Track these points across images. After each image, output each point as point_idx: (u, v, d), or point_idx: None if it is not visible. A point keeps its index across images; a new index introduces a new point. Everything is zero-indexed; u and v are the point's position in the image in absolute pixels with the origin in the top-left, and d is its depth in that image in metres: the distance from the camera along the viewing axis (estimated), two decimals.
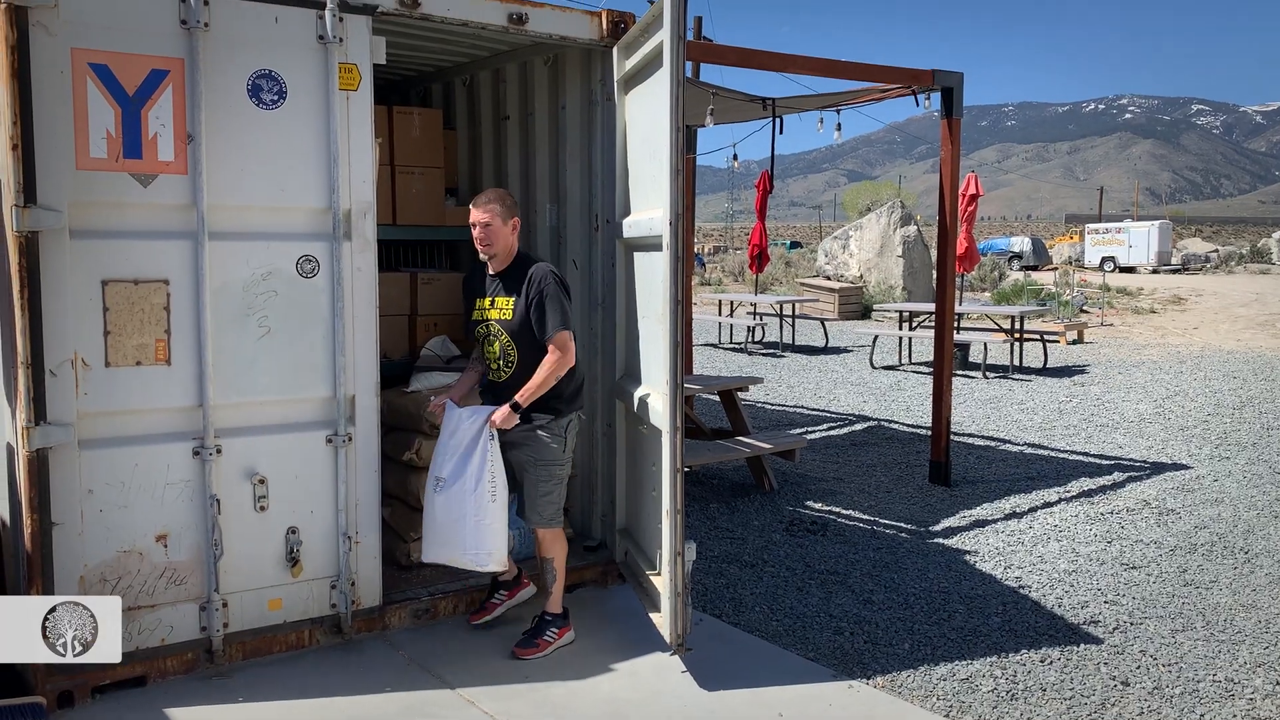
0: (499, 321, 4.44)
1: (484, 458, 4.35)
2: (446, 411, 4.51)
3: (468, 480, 4.34)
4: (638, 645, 4.56)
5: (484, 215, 4.37)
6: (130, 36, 3.84)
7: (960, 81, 7.59)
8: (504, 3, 4.73)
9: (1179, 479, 8.11)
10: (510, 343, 4.42)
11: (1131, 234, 45.13)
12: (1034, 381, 13.44)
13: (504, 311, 4.43)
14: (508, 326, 4.41)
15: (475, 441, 4.36)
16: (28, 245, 3.66)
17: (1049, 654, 4.70)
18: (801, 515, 7.00)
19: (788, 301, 18.17)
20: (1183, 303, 25.45)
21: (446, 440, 4.44)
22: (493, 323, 4.46)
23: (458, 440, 4.40)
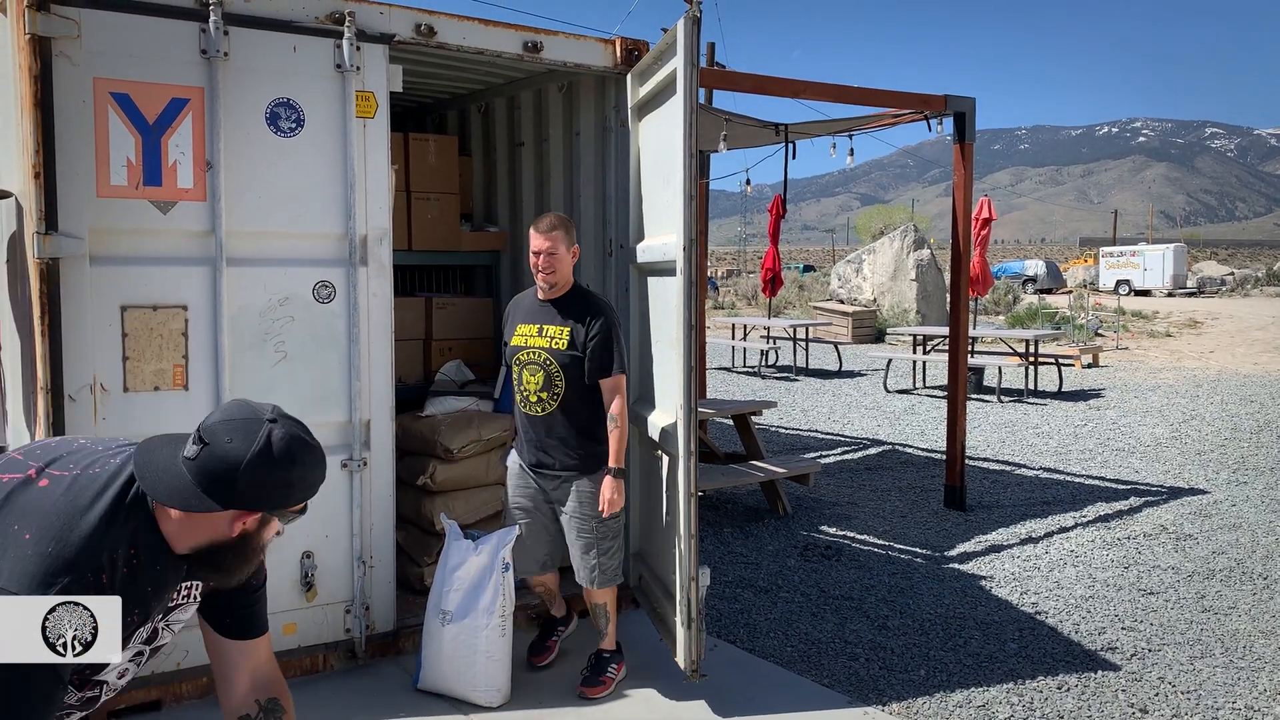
0: (549, 350, 4.22)
1: (496, 592, 4.21)
2: (448, 540, 4.36)
3: (479, 616, 4.19)
4: (652, 671, 4.54)
5: (547, 243, 4.18)
6: (151, 66, 3.90)
7: (973, 106, 7.62)
8: (519, 31, 4.78)
9: (1196, 504, 8.05)
10: (559, 374, 4.21)
11: (1146, 257, 45.00)
12: (1049, 405, 13.38)
13: (557, 340, 4.22)
14: (559, 357, 4.21)
15: (487, 574, 4.22)
16: (48, 271, 3.70)
17: (1066, 681, 4.67)
18: (816, 540, 6.97)
19: (801, 325, 18.17)
20: (1198, 326, 25.33)
21: (450, 572, 4.29)
22: (540, 350, 4.24)
23: (465, 572, 4.26)
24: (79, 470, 1.95)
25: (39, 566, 1.80)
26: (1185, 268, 46.51)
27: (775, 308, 24.17)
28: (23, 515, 1.86)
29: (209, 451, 1.88)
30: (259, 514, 1.97)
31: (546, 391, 4.22)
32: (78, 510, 1.88)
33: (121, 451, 2.03)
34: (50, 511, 1.87)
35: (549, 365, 4.22)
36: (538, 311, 4.31)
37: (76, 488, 1.92)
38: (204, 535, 1.97)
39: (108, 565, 1.87)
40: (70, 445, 2.06)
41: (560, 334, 4.22)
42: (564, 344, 4.19)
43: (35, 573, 1.80)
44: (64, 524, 1.86)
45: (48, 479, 1.92)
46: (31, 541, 1.82)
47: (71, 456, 2.00)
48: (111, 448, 2.05)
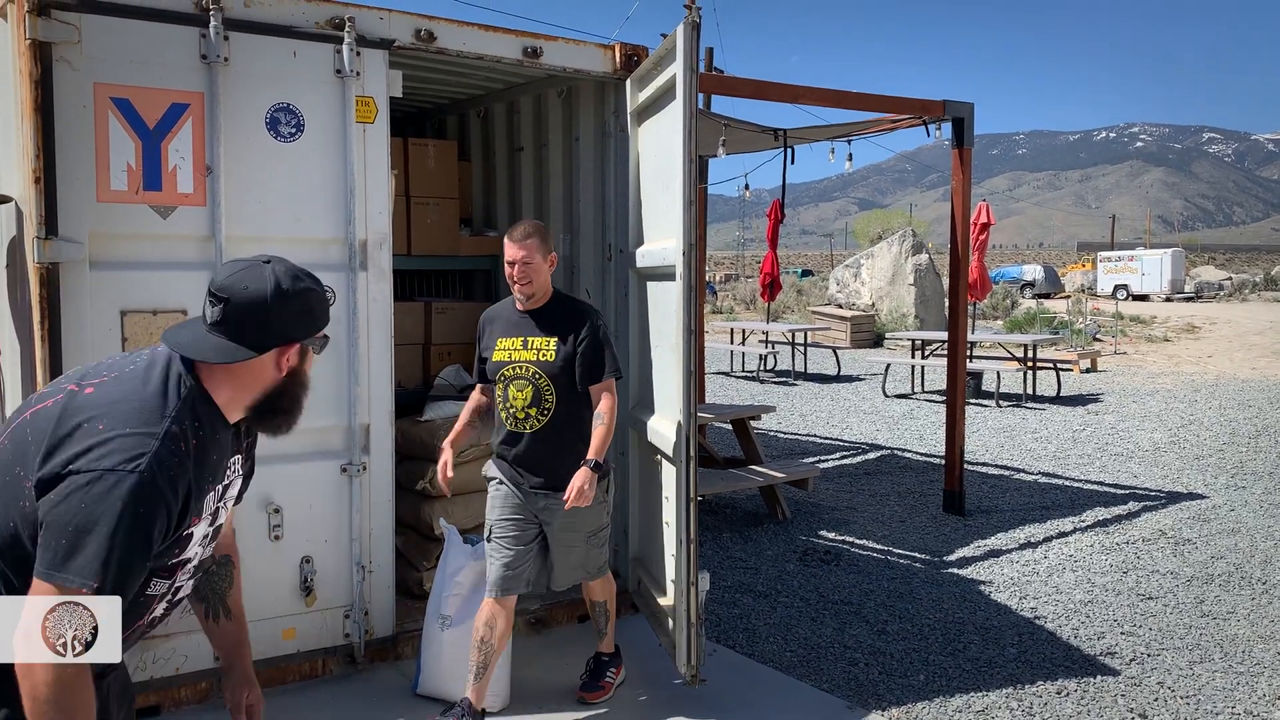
0: (537, 364, 3.99)
1: None
2: (448, 545, 4.36)
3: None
4: (651, 676, 4.54)
5: (522, 252, 3.94)
6: (152, 71, 3.90)
7: (971, 112, 7.63)
8: (518, 36, 4.79)
9: (1195, 508, 8.06)
10: (549, 387, 3.98)
11: (1144, 262, 45.04)
12: (1047, 410, 13.39)
13: (544, 353, 4.00)
14: (548, 369, 3.98)
15: (486, 578, 4.17)
16: (48, 276, 3.70)
17: (1065, 685, 4.67)
18: (815, 545, 6.97)
19: (800, 330, 18.19)
20: (1196, 331, 25.36)
21: (450, 577, 4.29)
22: (527, 364, 4.00)
23: (465, 577, 4.26)
24: (116, 373, 2.01)
25: (133, 444, 1.86)
26: (1183, 272, 46.56)
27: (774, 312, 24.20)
28: (87, 414, 1.90)
29: (233, 305, 1.99)
30: (296, 345, 2.08)
31: (535, 407, 3.99)
32: (136, 394, 1.95)
33: (141, 352, 2.09)
34: (114, 402, 1.92)
35: (538, 379, 3.99)
36: (519, 323, 4.08)
37: (124, 381, 1.98)
38: (258, 388, 2.07)
39: (182, 435, 1.94)
40: (93, 364, 2.11)
41: (547, 345, 4.01)
42: (551, 355, 3.99)
43: (131, 448, 1.86)
44: (132, 406, 1.92)
45: (91, 386, 1.97)
46: (110, 429, 1.87)
47: (100, 368, 2.05)
48: (131, 355, 2.11)
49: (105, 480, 1.81)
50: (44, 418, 1.92)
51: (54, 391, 1.99)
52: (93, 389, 1.96)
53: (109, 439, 1.85)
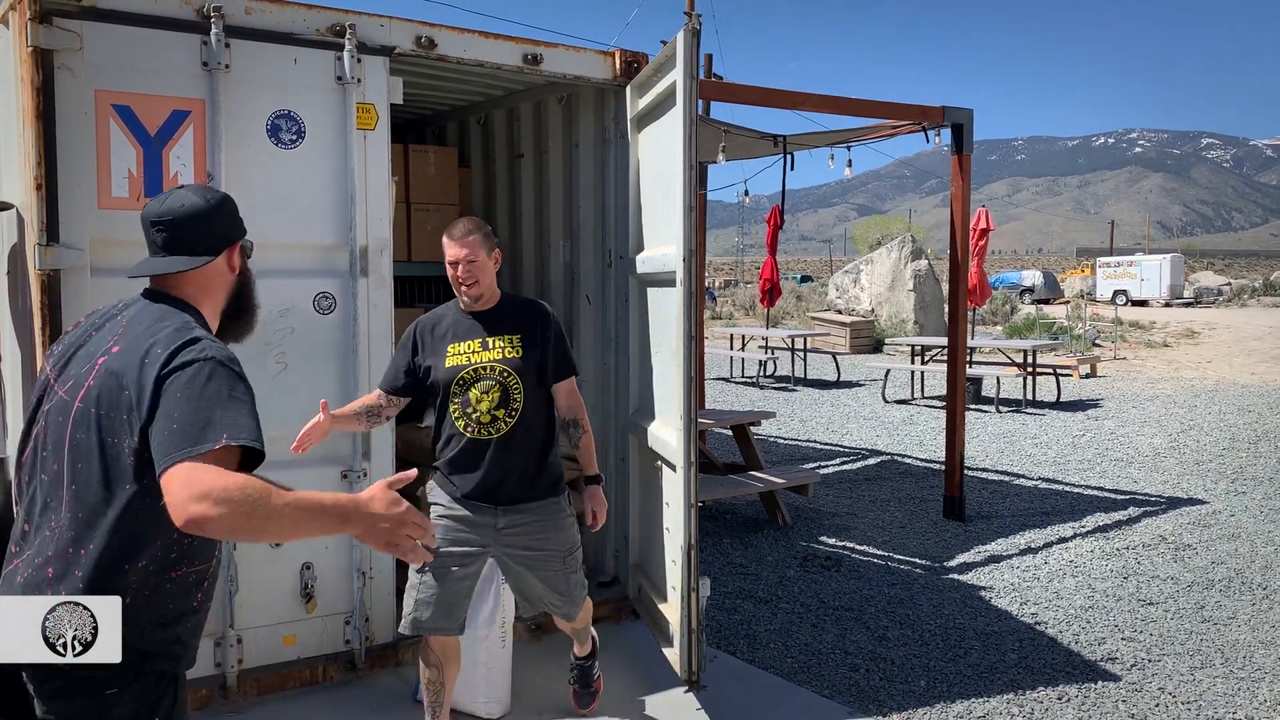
0: (504, 361, 3.69)
1: (495, 604, 4.22)
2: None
3: (479, 628, 4.16)
4: (652, 682, 4.53)
5: (464, 250, 3.61)
6: (153, 78, 3.91)
7: (970, 118, 7.65)
8: (519, 43, 4.80)
9: (1195, 514, 8.06)
10: (517, 385, 3.68)
11: (1143, 267, 45.07)
12: (1047, 416, 13.39)
13: (509, 350, 3.71)
14: (517, 366, 3.68)
15: (486, 586, 4.20)
16: (49, 283, 3.71)
17: (1066, 691, 4.66)
18: (815, 550, 6.97)
19: (799, 335, 18.18)
20: (1196, 336, 25.37)
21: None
22: (494, 363, 3.68)
23: None
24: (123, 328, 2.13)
25: (202, 340, 2.05)
26: (1182, 278, 46.59)
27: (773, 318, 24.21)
28: (142, 352, 2.02)
29: (177, 224, 2.19)
30: (238, 245, 2.32)
31: (503, 409, 3.66)
32: (164, 322, 2.10)
33: (111, 310, 2.24)
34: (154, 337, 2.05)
35: (506, 378, 3.68)
36: (470, 327, 3.75)
37: (142, 323, 2.11)
38: (223, 292, 2.30)
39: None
40: (73, 336, 2.23)
41: (511, 343, 3.72)
42: (519, 352, 3.70)
43: (205, 342, 2.05)
44: (172, 328, 2.07)
45: (118, 346, 2.07)
46: (173, 342, 2.03)
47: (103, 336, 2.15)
48: (105, 314, 2.25)
49: (203, 366, 1.98)
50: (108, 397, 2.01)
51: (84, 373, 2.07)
52: (120, 346, 2.06)
53: (179, 347, 2.00)
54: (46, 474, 2.06)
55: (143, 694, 2.04)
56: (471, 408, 3.68)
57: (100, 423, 2.00)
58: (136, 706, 2.03)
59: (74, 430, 2.03)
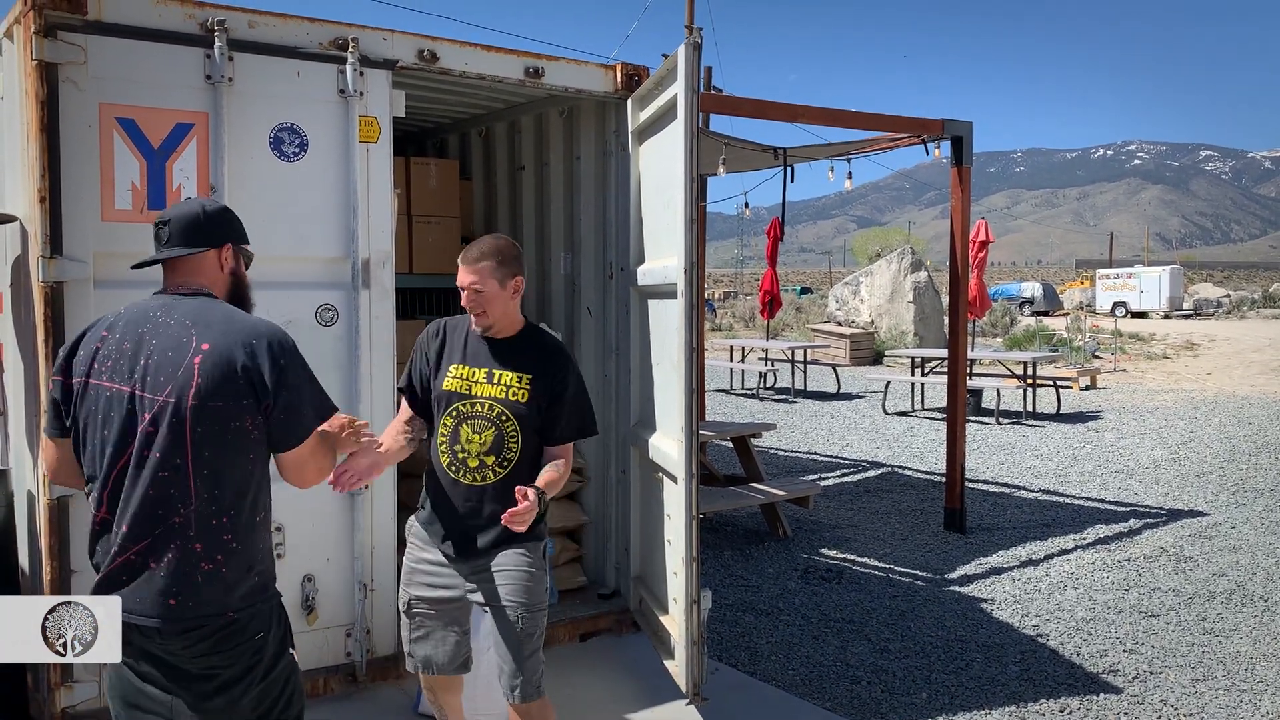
0: (505, 403, 3.27)
1: None
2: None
3: (480, 641, 3.98)
4: (653, 695, 4.53)
5: (472, 277, 3.26)
6: (157, 91, 3.93)
7: (970, 130, 7.67)
8: (521, 57, 4.83)
9: (1196, 526, 8.05)
10: (515, 433, 3.27)
11: (1143, 279, 45.14)
12: (1047, 427, 13.39)
13: (515, 391, 3.28)
14: (518, 411, 3.27)
15: None
16: (53, 295, 3.72)
17: (1068, 704, 4.66)
18: (816, 563, 6.97)
19: (799, 347, 18.20)
20: (1195, 348, 25.39)
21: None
22: (492, 402, 3.28)
23: None
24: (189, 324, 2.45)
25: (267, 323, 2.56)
26: (1182, 290, 46.64)
27: (773, 330, 24.22)
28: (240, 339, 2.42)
29: (175, 223, 2.55)
30: (230, 247, 2.62)
31: (494, 455, 3.27)
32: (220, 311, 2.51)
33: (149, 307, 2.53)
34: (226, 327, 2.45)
35: (503, 421, 3.27)
36: (481, 351, 3.36)
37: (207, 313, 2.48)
38: (221, 288, 2.62)
39: None
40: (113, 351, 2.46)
41: (519, 383, 3.29)
42: (524, 395, 3.27)
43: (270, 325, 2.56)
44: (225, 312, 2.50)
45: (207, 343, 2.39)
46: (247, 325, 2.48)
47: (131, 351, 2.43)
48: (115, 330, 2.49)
49: (297, 351, 2.50)
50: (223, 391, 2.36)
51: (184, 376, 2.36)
52: (210, 342, 2.40)
53: (275, 335, 2.47)
54: (166, 469, 2.33)
55: (278, 621, 2.53)
56: (460, 446, 3.29)
57: (220, 413, 2.34)
58: (279, 633, 2.53)
59: (193, 424, 2.33)
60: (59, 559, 3.77)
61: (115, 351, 2.42)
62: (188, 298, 2.50)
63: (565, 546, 5.57)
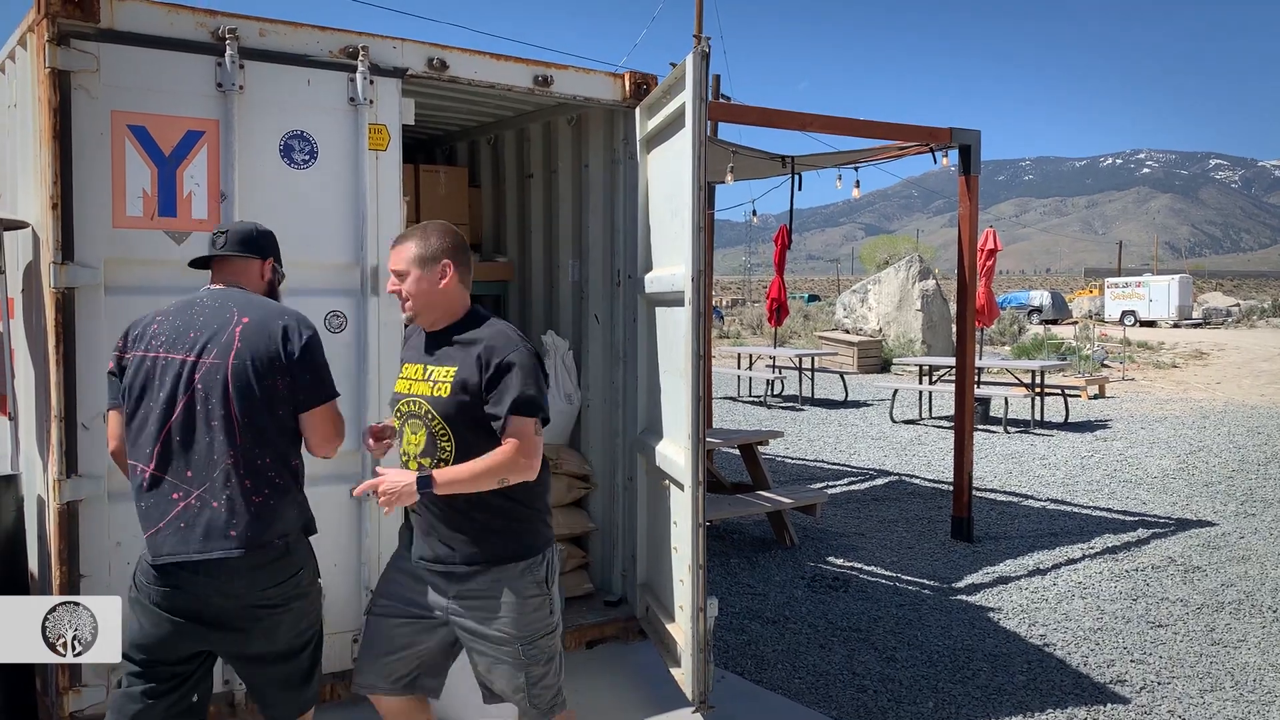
0: (429, 399, 3.04)
1: None
2: None
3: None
4: (660, 703, 4.53)
5: (393, 262, 3.11)
6: (168, 99, 3.95)
7: (978, 139, 7.68)
8: (529, 65, 4.84)
9: (1205, 536, 8.03)
10: (445, 430, 3.02)
11: (1152, 288, 45.04)
12: (1056, 436, 13.36)
13: (439, 386, 3.04)
14: (440, 407, 3.02)
15: None
16: (64, 301, 3.74)
17: (1075, 713, 4.65)
18: (823, 571, 6.96)
19: (806, 355, 18.19)
20: (1205, 357, 25.31)
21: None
22: (419, 399, 3.06)
23: None
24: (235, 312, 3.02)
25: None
26: (1191, 299, 46.53)
27: (780, 337, 24.21)
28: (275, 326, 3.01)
29: (232, 233, 3.18)
30: (271, 261, 3.25)
31: (429, 457, 3.04)
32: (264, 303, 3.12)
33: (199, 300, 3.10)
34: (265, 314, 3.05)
35: (431, 420, 3.04)
36: (420, 345, 3.19)
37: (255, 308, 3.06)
38: (258, 293, 3.17)
39: None
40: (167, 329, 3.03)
41: (444, 377, 3.04)
42: (445, 390, 3.02)
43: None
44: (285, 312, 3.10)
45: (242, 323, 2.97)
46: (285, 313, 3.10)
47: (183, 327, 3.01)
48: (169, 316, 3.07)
49: (318, 337, 3.08)
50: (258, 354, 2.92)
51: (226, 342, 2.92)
52: (250, 318, 2.97)
53: (304, 324, 3.07)
54: (215, 419, 2.86)
55: (312, 556, 3.06)
56: (404, 450, 3.12)
57: (255, 370, 2.88)
58: (311, 568, 3.06)
59: (234, 380, 2.86)
60: (68, 564, 3.78)
61: (168, 329, 2.97)
62: (231, 289, 3.08)
63: (572, 553, 5.58)
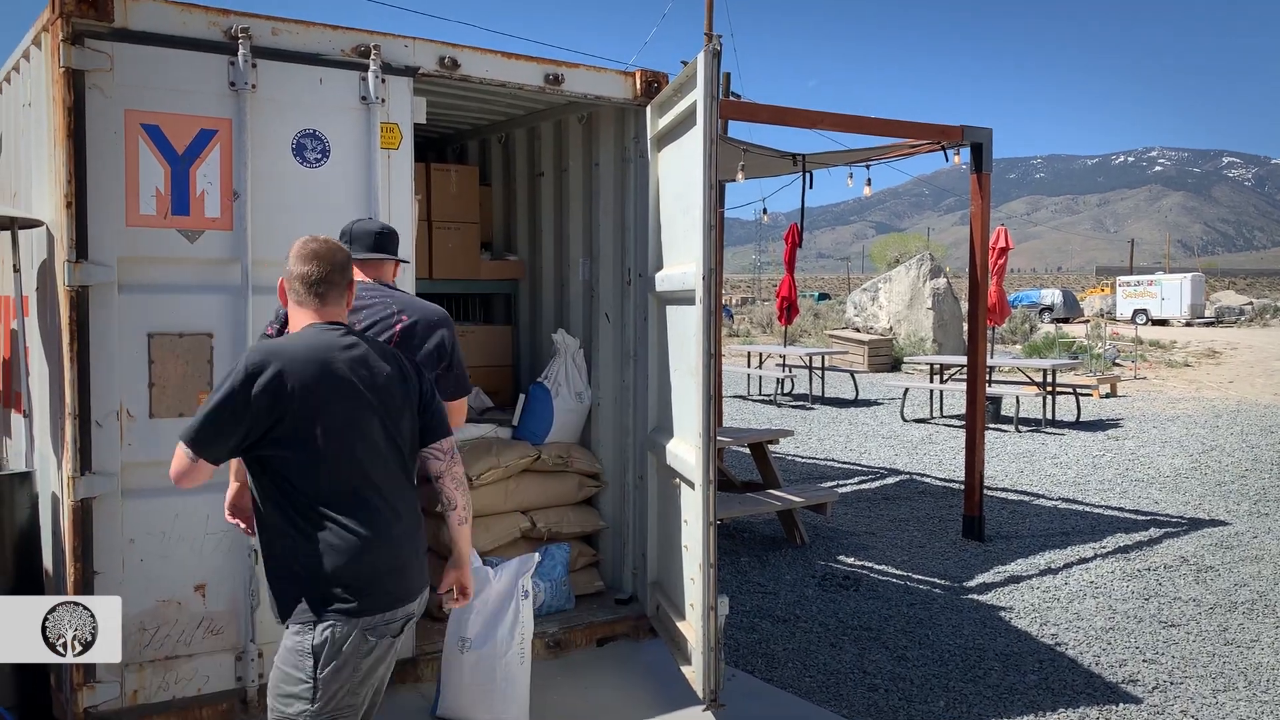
0: None
1: (515, 619, 4.21)
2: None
3: (498, 644, 4.17)
4: (670, 701, 4.52)
5: None
6: (181, 98, 3.97)
7: (990, 137, 7.65)
8: (541, 64, 4.85)
9: (1217, 535, 7.99)
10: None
11: (1164, 286, 44.81)
12: (1067, 435, 13.32)
13: None
14: None
15: (506, 601, 4.22)
16: (78, 299, 3.76)
17: (1087, 713, 4.63)
18: (834, 570, 6.95)
19: (817, 353, 18.16)
20: (1217, 356, 25.19)
21: (471, 599, 4.17)
22: None
23: (484, 600, 4.25)
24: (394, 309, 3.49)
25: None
26: (1203, 297, 46.30)
27: (791, 336, 24.18)
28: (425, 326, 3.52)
29: (385, 232, 3.60)
30: (398, 261, 3.67)
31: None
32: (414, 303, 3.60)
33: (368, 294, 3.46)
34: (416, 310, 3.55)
35: None
36: None
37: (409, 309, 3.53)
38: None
39: None
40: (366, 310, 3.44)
41: None
42: None
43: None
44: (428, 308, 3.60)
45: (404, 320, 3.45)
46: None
47: (384, 311, 3.47)
48: (374, 301, 3.46)
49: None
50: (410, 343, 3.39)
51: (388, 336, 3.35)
52: (407, 314, 3.44)
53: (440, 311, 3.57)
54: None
55: None
56: None
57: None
58: None
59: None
60: (82, 560, 3.81)
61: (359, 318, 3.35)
62: (382, 287, 3.53)
63: (582, 551, 5.58)
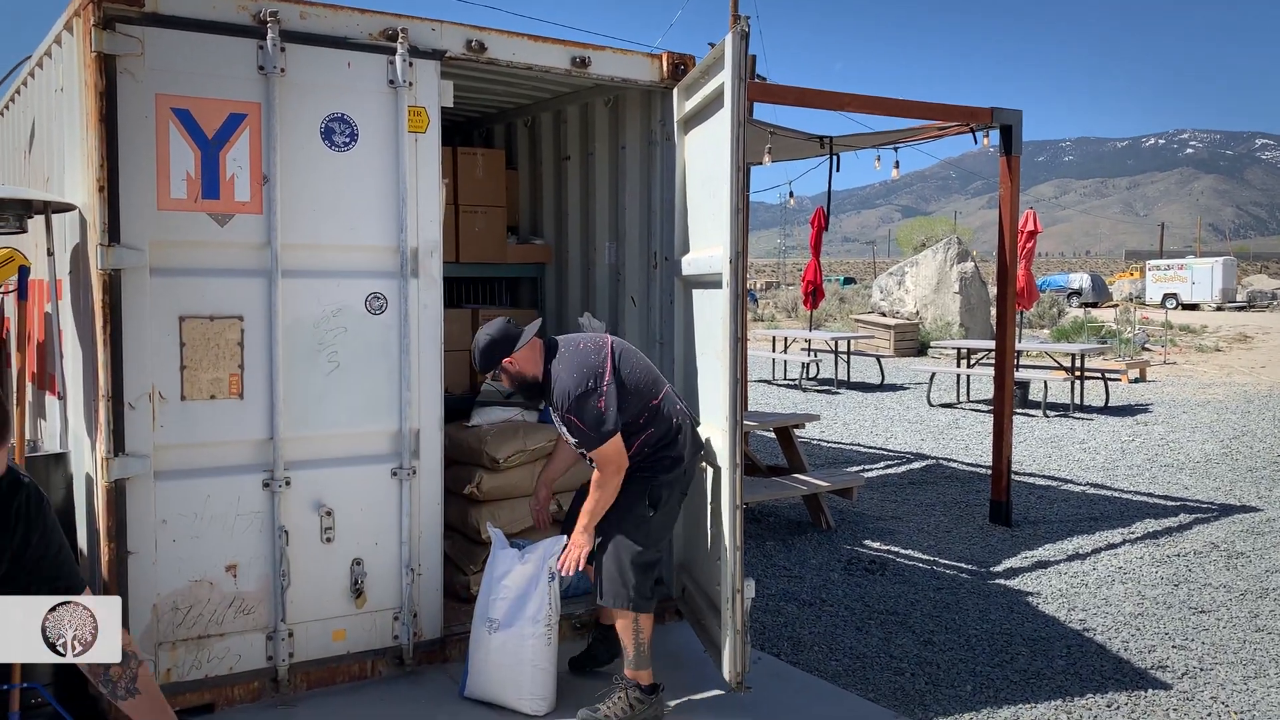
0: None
1: (542, 601, 4.23)
2: (495, 549, 4.37)
3: (525, 625, 4.20)
4: (696, 683, 4.54)
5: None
6: (211, 82, 4.00)
7: (1019, 119, 7.58)
8: (567, 46, 4.84)
9: (1248, 521, 7.91)
10: None
11: (1194, 270, 44.26)
12: (1095, 420, 13.21)
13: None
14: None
15: (533, 583, 4.24)
16: (111, 282, 3.81)
17: (1116, 699, 4.61)
18: (860, 554, 6.94)
19: (843, 338, 18.08)
20: (1249, 340, 24.88)
21: (497, 580, 4.30)
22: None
23: (511, 581, 4.27)
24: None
25: None
26: (1235, 281, 45.70)
27: (816, 320, 24.08)
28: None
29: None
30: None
31: None
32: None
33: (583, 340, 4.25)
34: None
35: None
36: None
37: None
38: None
39: None
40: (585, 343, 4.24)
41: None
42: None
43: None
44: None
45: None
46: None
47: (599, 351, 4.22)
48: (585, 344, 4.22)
49: None
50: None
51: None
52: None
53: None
54: None
55: None
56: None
57: None
58: None
59: None
60: (117, 541, 3.86)
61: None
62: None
63: None
